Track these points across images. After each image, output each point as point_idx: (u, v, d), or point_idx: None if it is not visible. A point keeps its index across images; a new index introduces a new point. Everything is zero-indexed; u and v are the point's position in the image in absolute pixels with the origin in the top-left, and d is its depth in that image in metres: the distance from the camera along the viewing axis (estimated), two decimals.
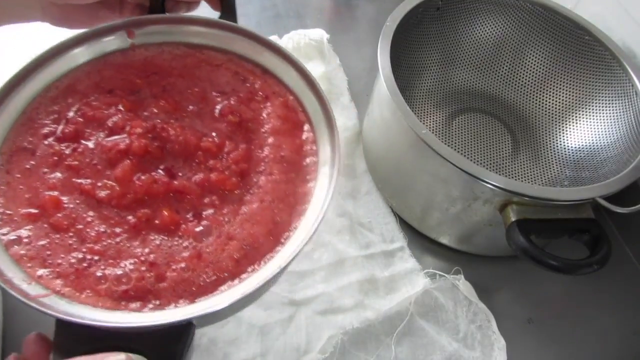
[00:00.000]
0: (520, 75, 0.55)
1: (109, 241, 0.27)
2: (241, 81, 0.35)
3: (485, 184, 0.36)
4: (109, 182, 0.29)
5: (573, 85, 0.51)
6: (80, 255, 0.26)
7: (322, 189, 0.30)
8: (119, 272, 0.26)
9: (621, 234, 0.50)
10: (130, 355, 0.22)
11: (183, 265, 0.26)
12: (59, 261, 0.26)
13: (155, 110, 0.33)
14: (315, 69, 0.57)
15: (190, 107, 0.34)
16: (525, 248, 0.35)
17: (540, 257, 0.34)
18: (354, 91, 0.57)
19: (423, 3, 0.47)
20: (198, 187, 0.29)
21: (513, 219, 0.36)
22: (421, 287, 0.43)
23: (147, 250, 0.27)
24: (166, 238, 0.27)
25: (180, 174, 0.30)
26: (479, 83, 0.56)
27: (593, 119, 0.49)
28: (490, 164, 0.51)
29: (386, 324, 0.41)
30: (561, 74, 0.52)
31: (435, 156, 0.37)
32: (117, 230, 0.27)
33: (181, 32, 0.37)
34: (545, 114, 0.53)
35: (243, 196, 0.29)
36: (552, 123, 0.53)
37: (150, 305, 0.25)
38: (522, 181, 0.49)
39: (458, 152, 0.37)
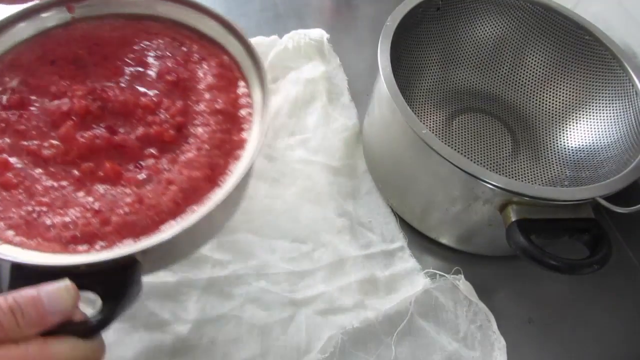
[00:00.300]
0: (520, 75, 0.55)
1: (56, 194, 0.29)
2: (178, 46, 0.37)
3: (485, 183, 0.36)
4: (54, 141, 0.31)
5: (573, 85, 0.51)
6: (30, 208, 0.28)
7: (255, 137, 0.32)
8: (67, 219, 0.28)
9: (621, 234, 0.50)
10: (73, 284, 0.24)
11: (127, 209, 0.28)
12: (10, 215, 0.28)
13: (96, 77, 0.35)
14: (315, 69, 0.57)
15: (129, 70, 0.36)
16: (525, 248, 0.35)
17: (540, 257, 0.34)
18: (354, 91, 0.57)
19: (423, 3, 0.47)
20: (138, 141, 0.32)
21: (513, 219, 0.36)
22: (421, 287, 0.43)
23: (91, 199, 0.29)
24: (109, 187, 0.29)
25: (120, 130, 0.32)
26: (479, 83, 0.56)
27: (593, 119, 0.49)
28: (490, 164, 0.51)
29: (386, 323, 0.41)
30: (561, 73, 0.52)
31: (435, 156, 0.37)
32: (63, 183, 0.30)
33: (119, 4, 0.38)
34: (545, 114, 0.53)
35: (181, 146, 0.32)
36: (552, 123, 0.53)
37: (97, 247, 0.27)
38: (522, 181, 0.49)
39: (458, 152, 0.37)
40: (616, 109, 0.47)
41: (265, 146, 0.50)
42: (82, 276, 0.25)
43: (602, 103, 0.48)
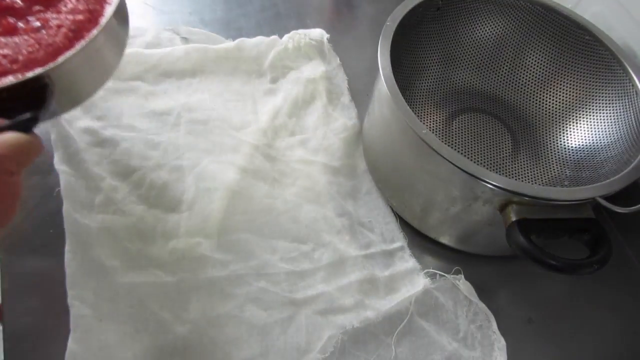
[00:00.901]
0: (520, 75, 0.55)
1: None
2: None
3: (485, 183, 0.36)
4: None
5: (573, 85, 0.51)
6: None
7: None
8: None
9: (621, 233, 0.50)
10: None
11: (29, 49, 0.34)
12: None
13: None
14: (315, 68, 0.57)
15: None
16: (525, 248, 0.35)
17: (540, 257, 0.34)
18: (354, 91, 0.57)
19: (423, 3, 0.47)
20: (24, 1, 0.36)
21: (513, 219, 0.36)
22: (421, 287, 0.43)
23: None
24: (10, 38, 0.35)
25: None
26: (479, 83, 0.56)
27: (593, 119, 0.49)
28: (490, 163, 0.51)
29: (386, 323, 0.41)
30: (561, 73, 0.52)
31: (435, 156, 0.37)
32: None
33: None
34: (545, 114, 0.53)
35: (62, 0, 0.37)
36: (552, 123, 0.53)
37: (10, 78, 0.32)
38: (522, 181, 0.49)
39: (458, 152, 0.37)
40: (616, 109, 0.47)
41: (265, 146, 0.50)
42: (5, 101, 0.31)
43: (602, 103, 0.48)
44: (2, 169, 0.29)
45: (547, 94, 0.53)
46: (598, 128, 0.48)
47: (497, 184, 0.35)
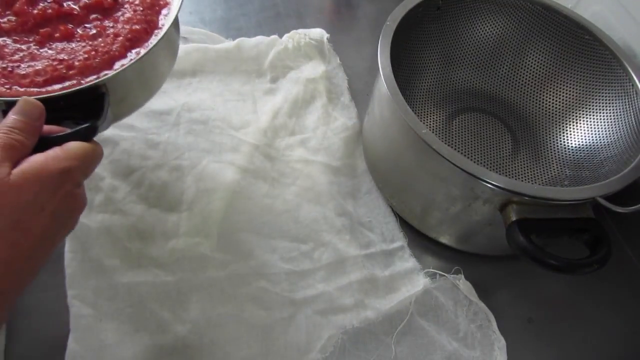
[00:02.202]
0: (520, 75, 0.55)
1: (24, 53, 0.35)
2: None
3: (485, 183, 0.36)
4: (11, 17, 0.36)
5: (573, 84, 0.51)
6: (4, 65, 0.34)
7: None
8: (38, 68, 0.33)
9: (621, 233, 0.50)
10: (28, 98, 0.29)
11: (85, 56, 0.34)
12: None
13: None
14: (315, 68, 0.57)
15: None
16: (525, 248, 0.35)
17: (540, 257, 0.34)
18: (354, 91, 0.57)
19: (423, 3, 0.47)
20: (82, 9, 0.37)
21: (513, 219, 0.36)
22: (421, 286, 0.43)
23: (54, 52, 0.35)
24: (67, 43, 0.35)
25: (66, 2, 0.38)
26: (479, 83, 0.56)
27: (593, 118, 0.49)
28: (490, 163, 0.51)
29: (386, 323, 0.41)
30: (561, 73, 0.52)
31: (435, 156, 0.37)
32: (28, 45, 0.35)
33: None
34: (545, 114, 0.53)
35: (118, 10, 0.38)
36: (552, 123, 0.53)
37: (67, 84, 0.33)
38: (522, 181, 0.49)
39: (458, 151, 0.37)
40: (616, 109, 0.47)
41: (265, 146, 0.50)
42: (61, 109, 0.31)
43: (602, 103, 0.48)
44: (72, 181, 0.28)
45: (547, 93, 0.53)
46: (598, 128, 0.48)
47: (497, 184, 0.35)
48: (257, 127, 0.51)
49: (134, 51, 0.35)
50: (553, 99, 0.53)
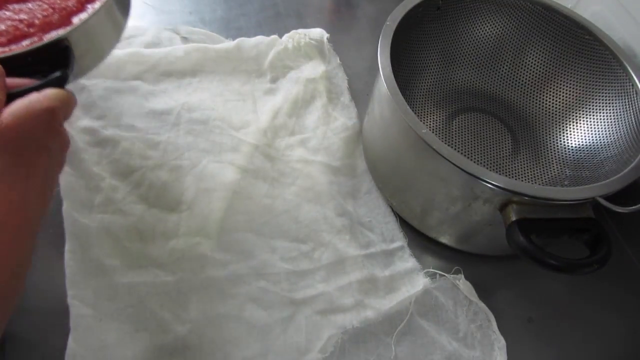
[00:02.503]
0: (520, 75, 0.55)
1: None
2: None
3: (485, 183, 0.36)
4: None
5: (573, 84, 0.51)
6: None
7: None
8: (1, 28, 0.34)
9: (621, 233, 0.50)
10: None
11: (44, 13, 0.35)
12: None
13: None
14: (315, 68, 0.57)
15: None
16: (525, 248, 0.35)
17: (540, 257, 0.34)
18: (354, 91, 0.57)
19: (423, 3, 0.47)
20: None
21: (513, 219, 0.36)
22: (421, 286, 0.43)
23: (12, 14, 0.36)
24: (24, 4, 0.36)
25: None
26: (479, 83, 0.56)
27: (593, 118, 0.49)
28: (490, 163, 0.51)
29: (386, 323, 0.41)
30: (561, 73, 0.52)
31: (435, 156, 0.37)
32: None
33: None
34: (545, 114, 0.53)
35: None
36: (552, 122, 0.53)
37: (29, 41, 0.34)
38: (522, 181, 0.49)
39: (458, 151, 0.37)
40: (616, 109, 0.47)
41: (265, 145, 0.50)
42: (30, 65, 0.32)
43: (602, 103, 0.48)
44: (58, 121, 0.31)
45: (547, 93, 0.53)
46: (598, 128, 0.48)
47: (497, 184, 0.35)
48: (257, 127, 0.51)
49: (89, 6, 0.37)
50: (553, 99, 0.53)
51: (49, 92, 0.30)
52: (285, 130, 0.52)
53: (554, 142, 0.52)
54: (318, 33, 0.59)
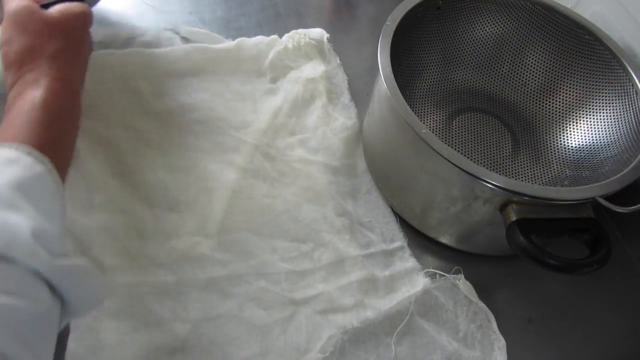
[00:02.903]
0: (520, 75, 0.55)
1: None
2: None
3: (485, 183, 0.36)
4: None
5: (573, 84, 0.51)
6: None
7: None
8: None
9: (621, 233, 0.50)
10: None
11: None
12: None
13: None
14: (315, 68, 0.57)
15: None
16: (525, 248, 0.35)
17: (540, 257, 0.34)
18: (354, 90, 0.57)
19: (423, 3, 0.47)
20: None
21: (513, 219, 0.36)
22: (421, 286, 0.43)
23: None
24: None
25: None
26: (479, 83, 0.56)
27: (593, 118, 0.49)
28: (490, 163, 0.51)
29: (386, 323, 0.41)
30: (561, 73, 0.52)
31: (435, 156, 0.37)
32: None
33: None
34: (546, 114, 0.53)
35: None
36: (552, 123, 0.53)
37: None
38: (522, 181, 0.49)
39: (458, 151, 0.37)
40: (616, 109, 0.47)
41: (265, 145, 0.50)
42: None
43: (602, 103, 0.48)
44: (89, 22, 0.40)
45: (547, 93, 0.53)
46: (598, 128, 0.48)
47: (497, 184, 0.35)
48: (257, 127, 0.51)
49: None
50: (553, 99, 0.53)
51: (75, 3, 0.39)
52: (285, 130, 0.52)
53: (554, 142, 0.52)
54: (318, 33, 0.59)
